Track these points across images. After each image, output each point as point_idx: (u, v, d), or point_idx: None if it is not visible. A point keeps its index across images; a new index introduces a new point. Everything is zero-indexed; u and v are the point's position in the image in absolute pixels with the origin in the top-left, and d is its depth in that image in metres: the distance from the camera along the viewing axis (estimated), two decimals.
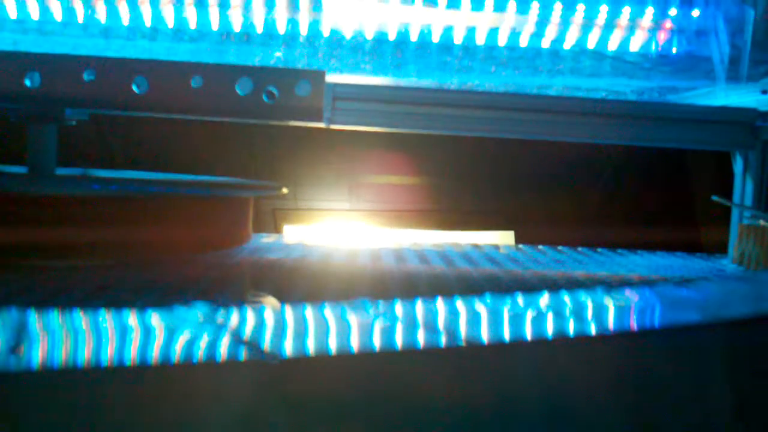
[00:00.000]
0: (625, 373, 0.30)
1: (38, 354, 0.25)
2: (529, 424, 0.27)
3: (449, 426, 0.26)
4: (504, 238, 1.00)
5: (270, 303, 0.46)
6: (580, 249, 0.81)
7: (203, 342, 0.27)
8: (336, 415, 0.26)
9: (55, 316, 0.30)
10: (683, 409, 0.33)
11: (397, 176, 1.00)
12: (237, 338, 0.27)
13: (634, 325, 0.34)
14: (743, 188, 0.80)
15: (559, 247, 0.82)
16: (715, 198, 0.77)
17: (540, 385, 0.28)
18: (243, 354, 0.25)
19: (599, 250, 0.81)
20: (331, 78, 0.75)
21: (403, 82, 0.83)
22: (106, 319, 0.30)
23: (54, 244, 0.57)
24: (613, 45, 0.85)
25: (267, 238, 0.82)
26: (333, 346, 0.27)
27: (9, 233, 0.56)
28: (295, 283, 0.56)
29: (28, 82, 0.67)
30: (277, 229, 0.96)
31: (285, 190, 0.74)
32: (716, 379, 0.34)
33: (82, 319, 0.30)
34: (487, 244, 0.85)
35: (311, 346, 0.27)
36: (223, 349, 0.26)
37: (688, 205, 0.96)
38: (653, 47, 0.85)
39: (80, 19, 0.77)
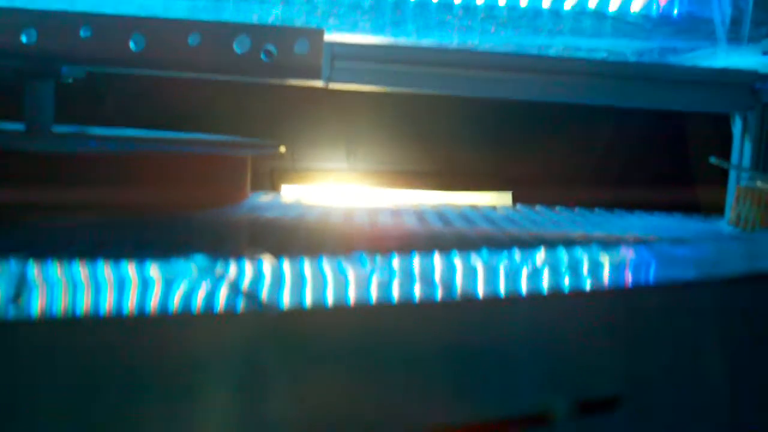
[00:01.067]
0: (618, 329, 0.31)
1: (37, 304, 0.25)
2: (522, 376, 0.28)
3: (442, 376, 0.27)
4: (502, 198, 1.01)
5: (267, 258, 0.47)
6: (576, 209, 0.82)
7: (201, 293, 0.27)
8: (331, 363, 0.26)
9: (54, 268, 0.31)
10: (675, 364, 0.33)
11: (396, 137, 1.00)
12: (235, 289, 0.27)
13: (626, 281, 0.35)
14: (741, 150, 0.80)
15: (556, 208, 0.82)
16: (713, 159, 0.77)
17: (533, 339, 0.29)
18: (241, 305, 0.25)
19: (596, 210, 0.82)
20: (329, 37, 0.74)
21: (402, 41, 0.82)
22: (105, 270, 0.30)
23: (51, 202, 0.57)
24: (614, 5, 0.84)
25: (264, 197, 0.82)
26: (329, 298, 0.27)
27: (6, 190, 0.56)
28: (293, 240, 0.56)
29: (24, 39, 0.66)
30: (275, 189, 0.96)
31: (283, 149, 0.74)
32: (708, 335, 0.35)
33: (80, 270, 0.30)
34: (485, 205, 0.85)
35: (308, 299, 0.27)
36: (221, 300, 0.27)
37: (686, 167, 0.96)
38: (654, 8, 0.85)
39: None
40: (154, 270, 0.30)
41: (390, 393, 0.26)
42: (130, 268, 0.30)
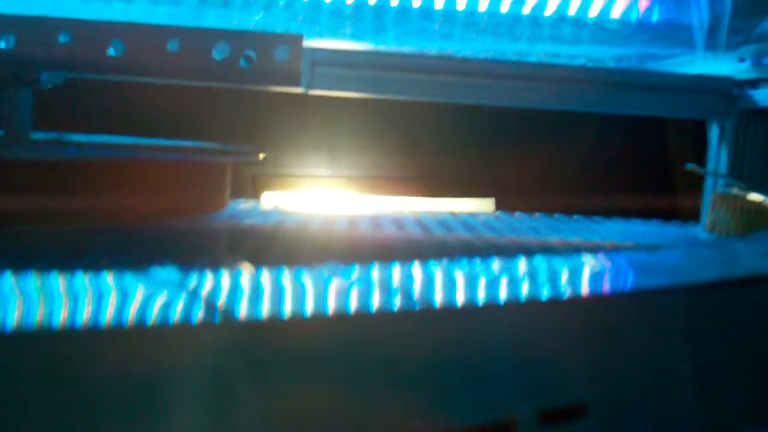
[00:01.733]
0: (586, 336, 0.31)
1: (13, 315, 0.25)
2: (488, 384, 0.28)
3: (409, 386, 0.27)
4: (485, 205, 1.01)
5: (244, 267, 0.47)
6: (556, 216, 0.82)
7: (168, 304, 0.27)
8: (301, 375, 0.26)
9: (31, 278, 0.30)
10: (643, 371, 0.33)
11: (379, 143, 1.00)
12: (205, 301, 0.28)
13: (599, 289, 0.35)
14: (718, 157, 0.81)
15: (536, 214, 0.83)
16: (688, 166, 0.78)
17: (501, 348, 0.29)
18: (208, 316, 0.26)
19: (575, 217, 0.82)
20: (309, 43, 0.75)
21: (383, 47, 0.82)
22: (82, 281, 0.30)
23: (29, 209, 0.57)
24: (593, 12, 0.85)
25: (244, 204, 0.82)
26: (296, 309, 0.27)
27: None
28: (270, 248, 0.56)
29: (2, 45, 0.66)
30: (256, 196, 0.96)
31: (262, 156, 0.74)
32: (678, 342, 0.35)
33: (58, 280, 0.30)
34: (465, 212, 0.85)
35: (277, 310, 0.27)
36: (189, 311, 0.27)
37: (665, 174, 0.96)
38: (633, 15, 0.85)
39: None
40: (127, 281, 0.30)
41: (353, 403, 0.26)
42: (106, 279, 0.30)
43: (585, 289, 0.34)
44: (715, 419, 0.36)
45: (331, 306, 0.28)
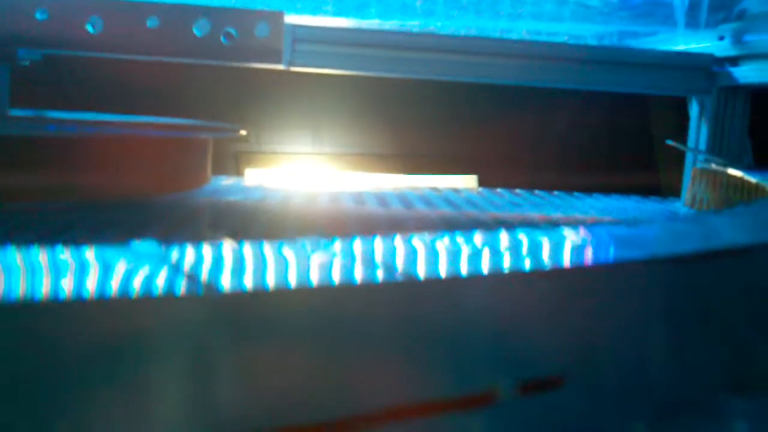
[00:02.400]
0: (563, 308, 0.31)
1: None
2: (467, 356, 0.28)
3: (399, 358, 0.27)
4: (467, 182, 1.01)
5: (226, 241, 0.47)
6: (537, 192, 0.83)
7: (150, 277, 0.27)
8: (280, 347, 0.26)
9: (12, 253, 0.30)
10: (625, 338, 0.34)
11: (362, 120, 1.00)
12: (186, 274, 0.28)
13: (576, 261, 0.35)
14: (698, 133, 0.82)
15: (517, 190, 0.83)
16: (669, 142, 0.78)
17: (479, 319, 0.29)
18: (188, 288, 0.26)
19: (556, 193, 0.83)
20: (291, 19, 0.74)
21: (364, 24, 0.82)
22: (63, 255, 0.30)
23: (8, 187, 0.56)
24: None
25: (227, 181, 0.82)
26: (276, 281, 0.28)
27: None
28: (252, 223, 0.56)
29: None
30: (239, 173, 0.96)
31: (243, 132, 0.74)
32: (657, 311, 0.36)
33: (39, 254, 0.30)
34: (447, 188, 0.85)
35: (259, 282, 0.27)
36: (169, 284, 0.27)
37: (646, 150, 0.97)
38: None
39: None
40: (107, 254, 0.30)
41: (335, 375, 0.26)
42: (87, 254, 0.30)
43: (562, 260, 0.34)
44: (693, 390, 0.37)
45: (311, 278, 0.28)
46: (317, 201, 0.70)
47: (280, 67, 0.73)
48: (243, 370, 0.26)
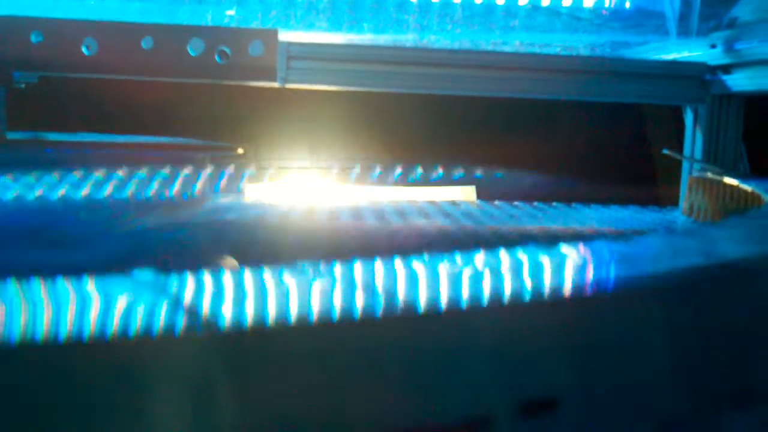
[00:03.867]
0: (561, 329, 0.31)
1: None
2: (464, 379, 0.28)
3: (399, 384, 0.27)
4: (465, 193, 1.01)
5: (226, 262, 0.47)
6: (535, 204, 0.83)
7: (150, 309, 0.27)
8: (287, 378, 0.26)
9: (12, 286, 0.30)
10: (623, 356, 0.34)
11: (360, 134, 1.00)
12: (184, 307, 0.28)
13: (575, 282, 0.35)
14: (693, 141, 0.82)
15: (516, 203, 0.83)
16: (665, 151, 0.79)
17: (477, 343, 0.29)
18: (183, 323, 0.26)
19: (554, 204, 0.83)
20: (285, 36, 0.74)
21: (358, 39, 0.82)
22: (63, 286, 0.30)
23: None
24: (566, 1, 0.85)
25: (225, 198, 0.82)
26: (277, 312, 0.28)
27: None
28: (250, 244, 0.56)
29: None
30: (239, 189, 0.96)
31: (240, 151, 0.74)
32: (656, 327, 0.36)
33: (39, 286, 0.30)
34: (445, 200, 0.85)
35: (260, 313, 0.27)
36: (169, 318, 0.27)
37: (645, 159, 0.97)
38: (606, 3, 0.86)
39: None
40: (100, 287, 0.30)
41: (335, 401, 0.26)
42: (87, 286, 0.30)
43: (561, 280, 0.34)
44: (693, 405, 0.37)
45: (312, 307, 0.28)
46: (316, 218, 0.70)
47: (275, 84, 0.73)
48: (243, 401, 0.26)
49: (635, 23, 0.84)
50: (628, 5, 0.85)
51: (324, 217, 0.70)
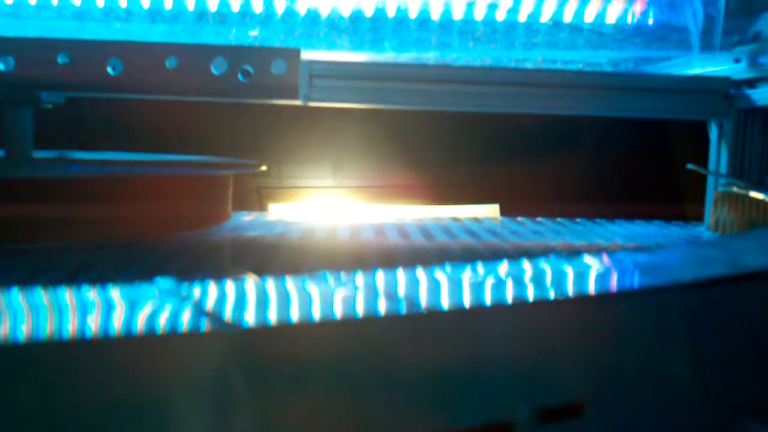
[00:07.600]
0: (589, 334, 0.31)
1: (23, 329, 0.25)
2: (485, 385, 0.28)
3: (418, 388, 0.27)
4: (489, 211, 1.01)
5: (248, 276, 0.47)
6: (559, 220, 0.82)
7: (169, 314, 0.27)
8: (306, 380, 0.26)
9: (38, 294, 0.31)
10: (646, 364, 0.33)
11: (383, 152, 1.00)
12: (205, 311, 0.28)
13: (596, 288, 0.35)
14: (718, 156, 0.81)
15: (539, 219, 0.83)
16: (690, 166, 0.78)
17: (506, 348, 0.29)
18: (206, 325, 0.26)
19: (578, 220, 0.82)
20: (307, 55, 0.75)
21: (380, 58, 0.83)
22: (89, 294, 0.30)
23: (33, 227, 0.57)
24: (589, 17, 0.85)
25: (248, 217, 0.83)
26: (299, 315, 0.28)
27: None
28: (273, 259, 0.56)
29: (2, 66, 0.67)
30: (262, 208, 0.97)
31: (263, 168, 0.74)
32: (679, 336, 0.35)
33: (65, 294, 0.30)
34: (468, 217, 0.85)
35: (284, 317, 0.27)
36: (187, 320, 0.27)
37: (667, 175, 0.96)
38: (629, 19, 0.86)
39: (54, 1, 0.77)
40: (126, 293, 0.30)
41: (353, 407, 0.26)
42: (109, 293, 0.30)
43: (582, 288, 0.34)
44: (715, 416, 0.36)
45: (334, 311, 0.28)
46: (339, 234, 0.70)
47: (298, 102, 0.74)
48: (261, 406, 0.26)
49: (658, 38, 0.83)
50: (650, 21, 0.85)
51: (347, 235, 0.70)
